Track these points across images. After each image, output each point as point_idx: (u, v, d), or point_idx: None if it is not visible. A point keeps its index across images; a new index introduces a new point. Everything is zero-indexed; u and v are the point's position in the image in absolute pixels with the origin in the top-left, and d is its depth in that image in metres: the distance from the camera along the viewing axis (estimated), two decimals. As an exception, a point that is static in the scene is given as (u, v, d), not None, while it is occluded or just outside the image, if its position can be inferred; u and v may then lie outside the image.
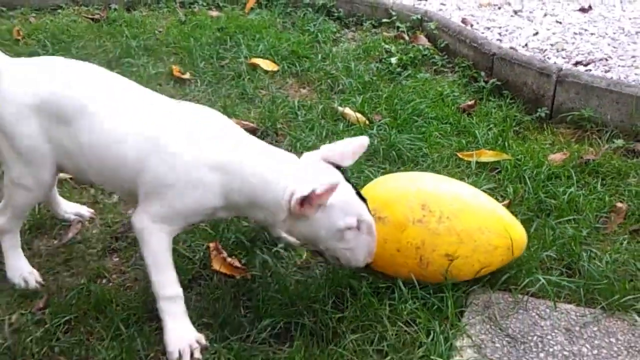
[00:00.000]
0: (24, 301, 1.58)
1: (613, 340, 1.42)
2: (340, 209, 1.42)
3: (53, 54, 2.94)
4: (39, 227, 1.84)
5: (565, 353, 1.38)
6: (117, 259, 1.74)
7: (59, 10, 3.58)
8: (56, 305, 1.54)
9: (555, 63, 2.58)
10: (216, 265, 1.65)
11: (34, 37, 3.17)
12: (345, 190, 1.43)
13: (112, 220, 1.87)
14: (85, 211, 1.89)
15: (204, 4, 3.63)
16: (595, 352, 1.39)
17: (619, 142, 2.10)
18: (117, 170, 1.45)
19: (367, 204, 1.46)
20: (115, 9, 3.52)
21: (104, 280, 1.65)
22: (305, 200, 1.36)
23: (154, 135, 1.41)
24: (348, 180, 1.46)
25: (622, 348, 1.40)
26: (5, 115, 1.47)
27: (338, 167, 1.46)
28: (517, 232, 1.56)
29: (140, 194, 1.44)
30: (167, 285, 1.43)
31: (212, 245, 1.71)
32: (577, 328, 1.45)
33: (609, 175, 1.96)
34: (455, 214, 1.51)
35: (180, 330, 1.41)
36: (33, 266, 1.65)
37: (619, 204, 1.81)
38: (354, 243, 1.46)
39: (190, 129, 1.43)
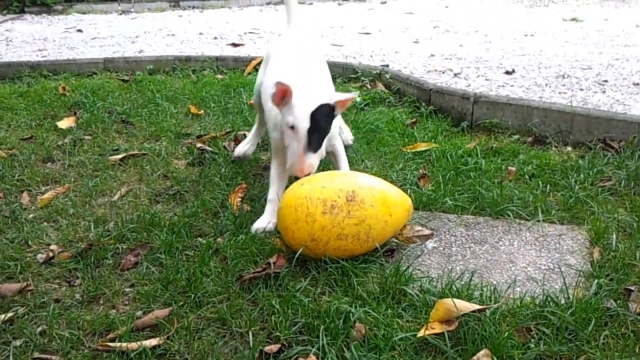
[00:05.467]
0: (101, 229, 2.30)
1: (495, 229, 2.17)
2: (292, 110, 2.01)
3: (94, 103, 3.78)
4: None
5: (464, 235, 2.13)
6: (160, 206, 2.48)
7: (94, 75, 4.48)
8: (122, 224, 2.26)
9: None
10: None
11: (77, 91, 4.03)
12: (305, 102, 2.00)
13: (155, 187, 2.62)
14: None
15: (211, 71, 4.56)
16: (483, 232, 2.13)
17: (515, 137, 2.94)
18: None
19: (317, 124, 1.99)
20: (140, 74, 4.43)
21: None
22: (276, 95, 2.02)
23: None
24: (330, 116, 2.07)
25: (500, 232, 2.15)
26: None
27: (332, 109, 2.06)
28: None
29: None
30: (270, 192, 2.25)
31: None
32: (472, 224, 2.20)
33: (505, 154, 2.77)
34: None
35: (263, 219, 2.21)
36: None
37: (511, 168, 2.61)
38: (289, 142, 2.05)
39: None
